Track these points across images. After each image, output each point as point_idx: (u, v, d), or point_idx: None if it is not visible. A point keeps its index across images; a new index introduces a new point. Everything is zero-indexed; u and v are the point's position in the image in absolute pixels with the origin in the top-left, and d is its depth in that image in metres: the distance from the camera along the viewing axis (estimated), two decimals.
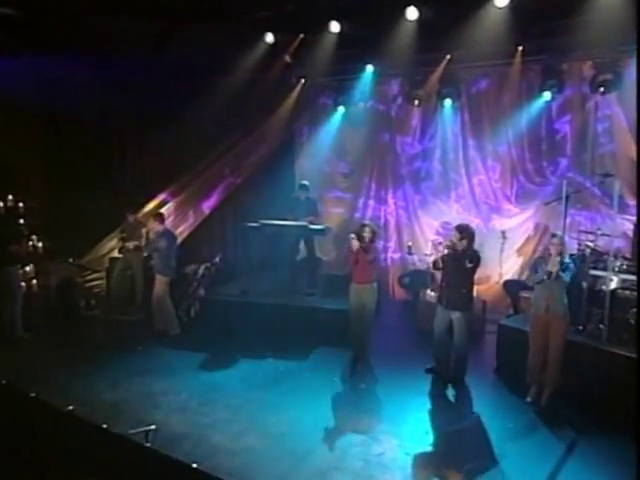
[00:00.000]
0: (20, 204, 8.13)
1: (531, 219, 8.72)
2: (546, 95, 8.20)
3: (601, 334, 5.84)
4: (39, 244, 8.17)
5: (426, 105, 9.36)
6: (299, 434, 4.96)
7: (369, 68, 9.14)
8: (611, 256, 6.11)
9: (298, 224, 8.09)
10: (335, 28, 8.26)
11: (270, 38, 8.78)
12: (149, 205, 9.52)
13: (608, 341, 5.77)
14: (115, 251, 9.08)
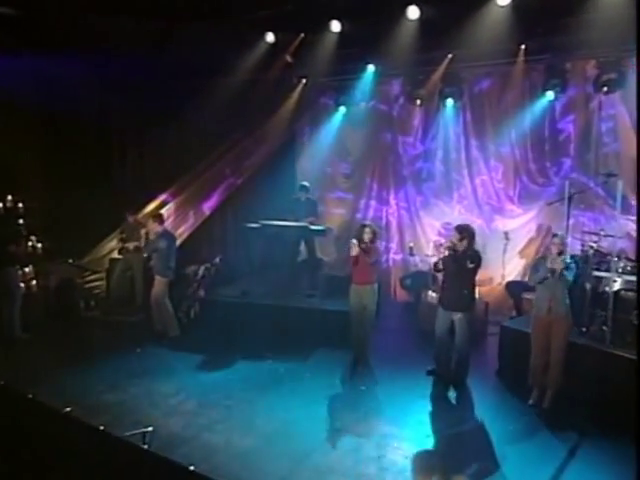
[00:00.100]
0: (19, 204, 8.14)
1: (534, 220, 8.66)
2: (549, 95, 8.16)
3: (605, 336, 5.78)
4: (38, 244, 8.17)
5: (428, 105, 9.32)
6: (298, 436, 4.92)
7: (370, 68, 9.09)
8: (614, 257, 6.05)
9: (298, 225, 8.06)
10: (336, 27, 8.23)
11: (270, 37, 8.75)
12: (149, 206, 9.50)
13: (612, 343, 5.70)
14: (115, 252, 9.06)
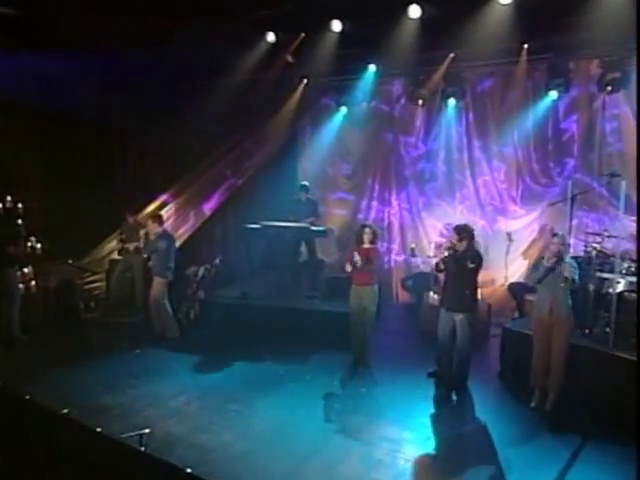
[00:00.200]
0: (19, 205, 8.11)
1: (537, 221, 8.58)
2: (552, 94, 8.09)
3: (608, 338, 5.71)
4: (38, 245, 8.13)
5: (430, 105, 9.25)
6: (298, 438, 4.88)
7: (372, 67, 9.02)
8: (618, 258, 5.98)
9: (299, 226, 8.02)
10: (337, 27, 8.18)
11: (271, 37, 8.71)
12: (150, 206, 9.47)
13: (615, 345, 5.63)
14: (115, 253, 9.03)
